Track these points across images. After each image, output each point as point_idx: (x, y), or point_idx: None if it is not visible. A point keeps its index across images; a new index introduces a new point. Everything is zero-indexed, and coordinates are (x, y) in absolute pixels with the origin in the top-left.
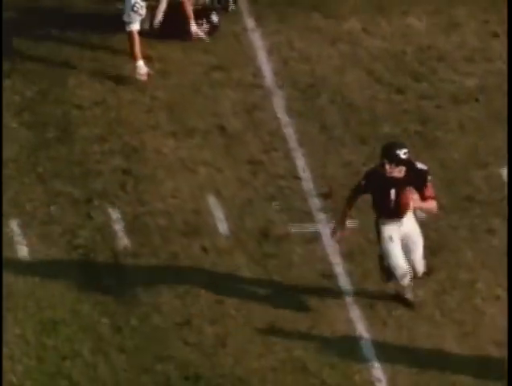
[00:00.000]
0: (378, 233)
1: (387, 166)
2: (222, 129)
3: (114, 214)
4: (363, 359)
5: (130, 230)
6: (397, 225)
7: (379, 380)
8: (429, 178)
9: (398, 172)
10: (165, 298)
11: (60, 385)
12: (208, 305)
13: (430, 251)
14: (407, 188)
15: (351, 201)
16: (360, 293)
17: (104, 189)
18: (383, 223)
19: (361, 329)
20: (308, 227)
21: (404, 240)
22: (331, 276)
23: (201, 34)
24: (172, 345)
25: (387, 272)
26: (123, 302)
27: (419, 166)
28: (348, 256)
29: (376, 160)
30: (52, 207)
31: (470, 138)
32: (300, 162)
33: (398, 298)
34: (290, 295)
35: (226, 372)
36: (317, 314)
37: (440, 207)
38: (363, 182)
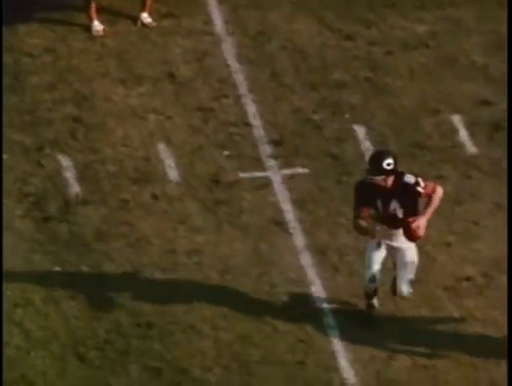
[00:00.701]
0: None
1: (371, 175)
2: (172, 76)
3: (65, 162)
4: (315, 306)
5: (80, 177)
6: (389, 234)
7: (331, 327)
8: (419, 187)
9: (384, 181)
10: (116, 246)
11: (12, 332)
12: (159, 253)
13: None
14: (412, 217)
15: (357, 222)
16: (311, 240)
17: (55, 137)
18: (377, 230)
19: (313, 275)
20: (259, 174)
21: (395, 254)
22: (282, 223)
23: None
24: (124, 293)
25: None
26: (75, 250)
27: (406, 179)
28: (298, 203)
29: (326, 107)
30: (4, 156)
31: (420, 85)
32: (251, 109)
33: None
34: (241, 242)
35: (178, 320)
36: (268, 261)
37: None
38: (355, 201)
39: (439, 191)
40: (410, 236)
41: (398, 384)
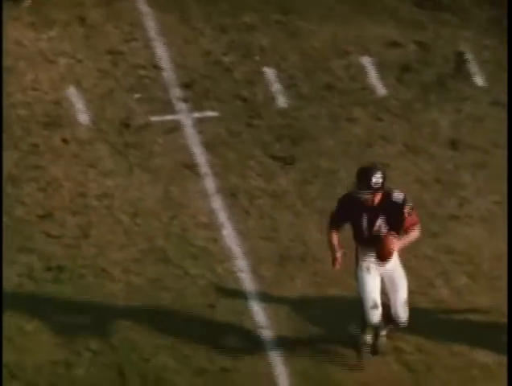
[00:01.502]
0: (357, 264)
1: (360, 191)
2: (82, 19)
3: None
4: (226, 249)
5: None
6: (373, 259)
7: (242, 271)
8: (408, 207)
9: (371, 198)
10: (27, 190)
11: None
12: (70, 197)
13: (291, 140)
14: (390, 234)
15: (331, 234)
16: (222, 183)
17: None
18: (362, 254)
19: (224, 218)
20: (169, 117)
21: (385, 278)
22: (192, 166)
23: None
24: (35, 237)
25: (385, 319)
26: None
27: (395, 196)
28: (209, 146)
29: (236, 50)
30: None
31: (330, 27)
32: (161, 52)
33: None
34: (152, 185)
35: (89, 263)
36: (179, 205)
37: (300, 95)
38: (336, 211)
39: (418, 231)
40: (383, 252)
41: (309, 326)
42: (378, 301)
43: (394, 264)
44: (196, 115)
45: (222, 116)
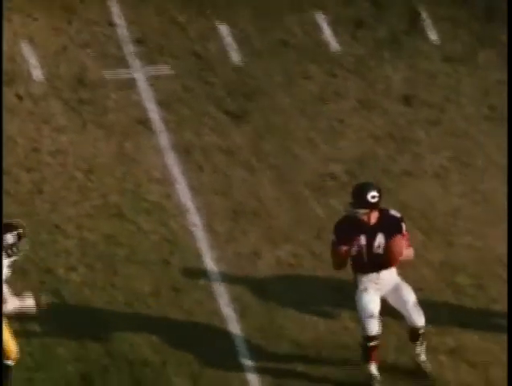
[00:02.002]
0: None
1: (355, 210)
2: None
3: None
4: (179, 204)
5: None
6: (375, 280)
7: (196, 226)
8: (403, 225)
9: (367, 217)
10: None
11: None
12: (24, 153)
13: (245, 96)
14: (396, 237)
15: (338, 263)
16: (176, 139)
17: None
18: (361, 280)
19: (177, 174)
20: (123, 74)
21: (391, 296)
22: (146, 122)
23: None
24: None
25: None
26: None
27: (393, 213)
28: (163, 102)
29: (190, 6)
30: None
31: None
32: (115, 9)
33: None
34: (106, 141)
35: (43, 219)
36: (133, 161)
37: (254, 52)
38: (337, 238)
39: (412, 252)
40: (393, 254)
41: (263, 282)
42: (375, 313)
43: (393, 279)
44: (150, 71)
45: (176, 72)
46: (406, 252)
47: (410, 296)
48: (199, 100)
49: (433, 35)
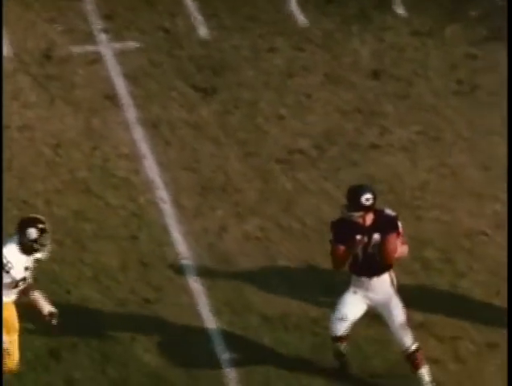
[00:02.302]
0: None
1: (350, 213)
2: None
3: None
4: (147, 180)
5: None
6: (367, 286)
7: (164, 201)
8: (400, 224)
9: (362, 219)
10: None
11: None
12: None
13: (213, 71)
14: (390, 234)
15: (337, 262)
16: (144, 114)
17: None
18: (355, 283)
19: (145, 149)
20: (91, 49)
21: (380, 309)
22: (114, 97)
23: None
24: None
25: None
26: None
27: (388, 212)
28: (131, 77)
29: None
30: None
31: None
32: None
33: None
34: (74, 117)
35: (11, 196)
36: (101, 136)
37: (222, 26)
38: (335, 237)
39: (407, 249)
40: (387, 251)
41: (230, 256)
42: (348, 318)
43: (385, 290)
44: (118, 46)
45: (144, 47)
46: (401, 249)
47: (397, 316)
48: (166, 74)
49: (401, 9)
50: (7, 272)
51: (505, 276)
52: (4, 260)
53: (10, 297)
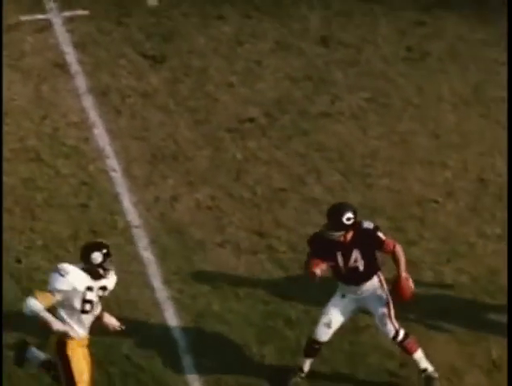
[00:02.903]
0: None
1: (331, 233)
2: None
3: None
4: (97, 148)
5: None
6: (355, 290)
7: (114, 170)
8: (380, 233)
9: (343, 237)
10: None
11: None
12: None
13: (162, 38)
14: (371, 249)
15: (310, 275)
16: (93, 82)
17: None
18: (342, 287)
19: (95, 117)
20: (39, 17)
21: (368, 304)
22: (63, 65)
23: None
24: None
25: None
26: None
27: (365, 225)
28: (79, 45)
29: None
30: None
31: None
32: None
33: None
34: (22, 85)
35: None
36: (50, 104)
37: None
38: (311, 254)
39: (399, 246)
40: (404, 295)
41: (181, 226)
42: (334, 324)
43: (373, 287)
44: (67, 14)
45: (92, 14)
46: (402, 255)
47: (379, 309)
48: (115, 42)
49: None
50: (62, 275)
51: (456, 244)
52: (59, 266)
53: (83, 327)
